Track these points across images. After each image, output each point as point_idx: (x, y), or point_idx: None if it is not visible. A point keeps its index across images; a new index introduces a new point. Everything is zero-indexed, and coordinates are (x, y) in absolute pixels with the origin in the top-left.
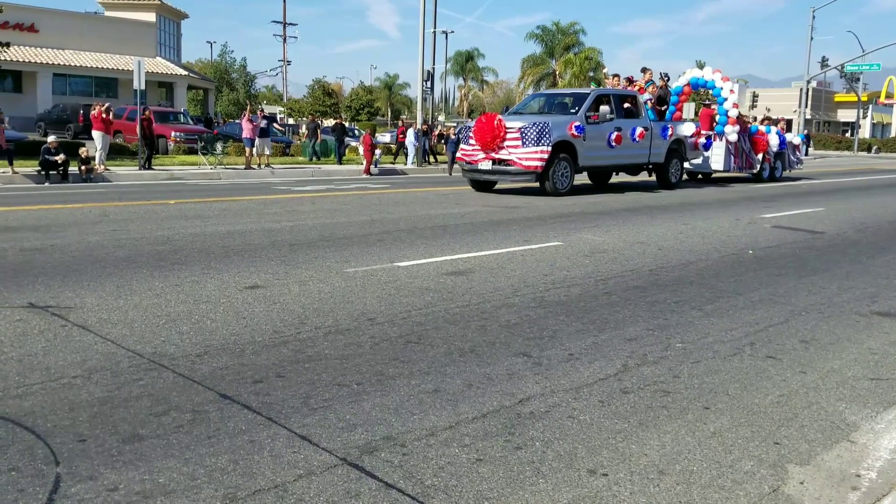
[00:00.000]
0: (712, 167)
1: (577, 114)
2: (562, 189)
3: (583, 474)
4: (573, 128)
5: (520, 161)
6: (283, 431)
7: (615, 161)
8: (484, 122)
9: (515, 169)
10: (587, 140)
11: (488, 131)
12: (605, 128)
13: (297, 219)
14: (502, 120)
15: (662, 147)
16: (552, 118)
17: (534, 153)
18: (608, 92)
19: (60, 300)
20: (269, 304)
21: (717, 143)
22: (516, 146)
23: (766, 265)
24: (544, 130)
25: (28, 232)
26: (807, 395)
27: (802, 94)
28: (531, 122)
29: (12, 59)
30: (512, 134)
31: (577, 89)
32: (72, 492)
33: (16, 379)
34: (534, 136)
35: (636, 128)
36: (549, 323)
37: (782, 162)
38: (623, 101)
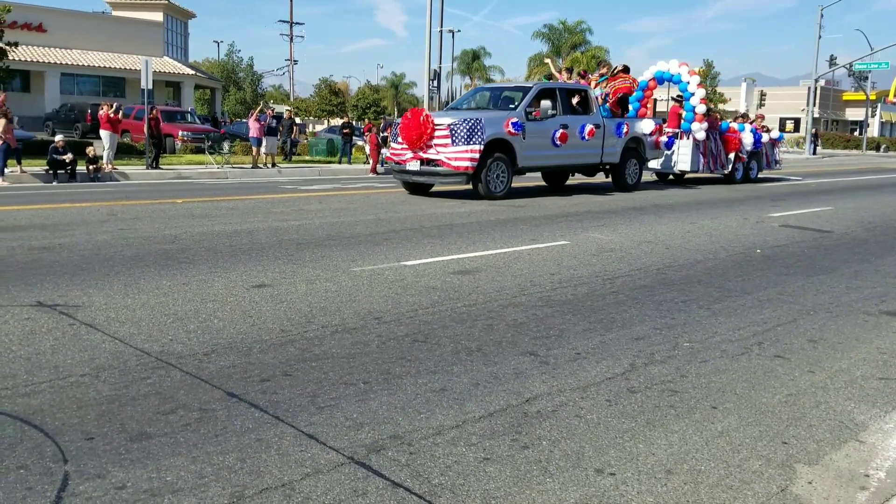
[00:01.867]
0: (678, 167)
1: (515, 109)
2: (497, 192)
3: (590, 473)
4: (510, 125)
5: (448, 161)
6: (291, 430)
7: (562, 161)
8: (410, 118)
9: (444, 170)
10: (528, 138)
11: (415, 128)
12: (548, 125)
13: (304, 218)
14: (430, 116)
15: (617, 146)
16: (486, 114)
17: (464, 152)
18: (553, 86)
19: (68, 299)
20: (276, 303)
21: (683, 142)
22: (445, 145)
23: (773, 264)
24: (476, 127)
25: (36, 231)
26: (815, 394)
27: (810, 93)
28: (461, 119)
29: (21, 58)
30: (440, 131)
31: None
32: (80, 490)
33: (24, 377)
34: (464, 134)
35: (585, 125)
36: (555, 322)
37: (758, 162)
38: (572, 96)
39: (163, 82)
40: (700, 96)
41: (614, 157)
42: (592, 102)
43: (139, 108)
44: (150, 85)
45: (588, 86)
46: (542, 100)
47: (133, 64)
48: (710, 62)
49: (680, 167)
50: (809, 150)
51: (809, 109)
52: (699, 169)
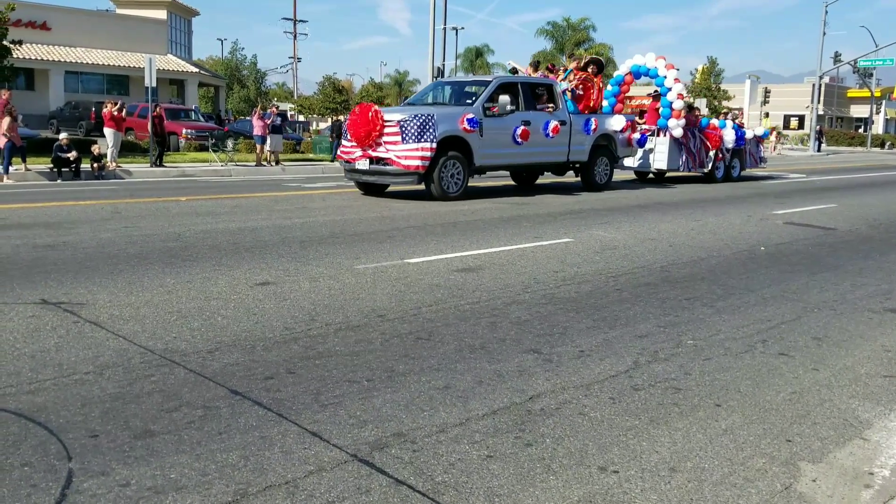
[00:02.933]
0: (656, 166)
1: (472, 105)
2: (451, 193)
3: (593, 471)
4: (465, 121)
5: (398, 160)
6: (294, 427)
7: (524, 160)
8: (358, 113)
9: (394, 169)
10: (486, 135)
11: (363, 125)
12: (508, 121)
13: (308, 216)
14: (379, 112)
15: (585, 143)
16: (439, 110)
17: (415, 151)
18: (515, 80)
19: (73, 296)
20: (279, 301)
21: (660, 139)
22: (395, 143)
23: (777, 262)
24: (427, 124)
25: (40, 229)
26: (819, 392)
27: (815, 90)
28: (411, 115)
29: (25, 56)
30: (390, 128)
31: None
32: (84, 487)
33: (28, 375)
34: (414, 131)
35: (550, 122)
36: (559, 320)
37: (740, 160)
38: (535, 90)
39: (167, 80)
40: (678, 91)
41: (582, 155)
42: (558, 98)
43: (143, 106)
44: (153, 83)
45: (554, 80)
46: (501, 95)
47: (137, 62)
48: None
49: (657, 165)
50: (814, 147)
51: (814, 106)
52: (679, 167)
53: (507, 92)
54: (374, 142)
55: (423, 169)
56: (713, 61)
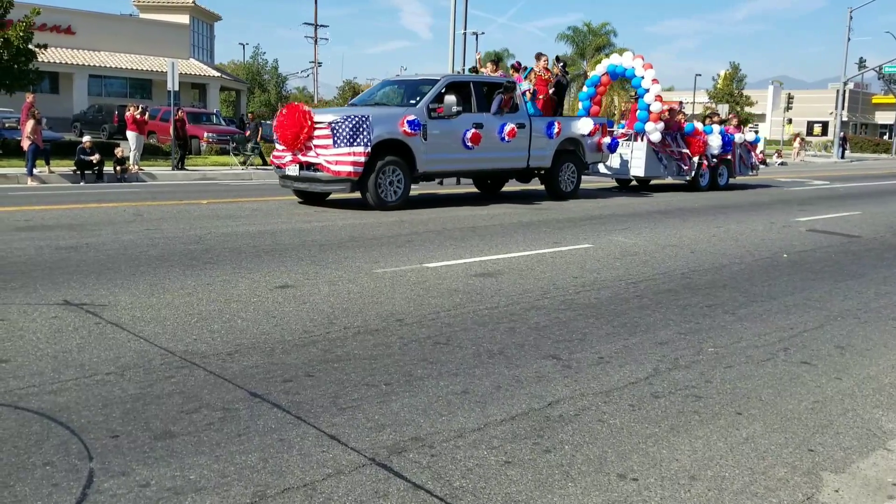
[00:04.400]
0: (632, 172)
1: (415, 106)
2: (390, 201)
3: (612, 479)
4: (406, 123)
5: (328, 165)
6: (313, 430)
7: (476, 166)
8: (286, 114)
9: (325, 175)
10: (431, 139)
11: (290, 126)
12: (457, 124)
13: (327, 219)
14: (308, 112)
15: (548, 148)
16: (377, 110)
17: (346, 155)
18: (466, 79)
19: (95, 298)
20: (298, 304)
21: (637, 144)
22: (326, 146)
23: (800, 269)
24: (361, 126)
25: (63, 230)
26: (842, 401)
27: (839, 96)
28: (343, 116)
29: (50, 60)
30: (321, 130)
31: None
32: (104, 487)
33: (51, 375)
34: (346, 134)
35: (505, 124)
36: (578, 325)
37: (728, 167)
38: (492, 91)
39: (189, 84)
40: (655, 93)
41: (545, 160)
42: (518, 99)
43: (165, 110)
44: (176, 87)
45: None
46: (447, 95)
47: (160, 66)
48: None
49: (634, 172)
50: (838, 153)
51: (838, 113)
52: (660, 174)
53: (457, 92)
54: (304, 145)
55: (355, 175)
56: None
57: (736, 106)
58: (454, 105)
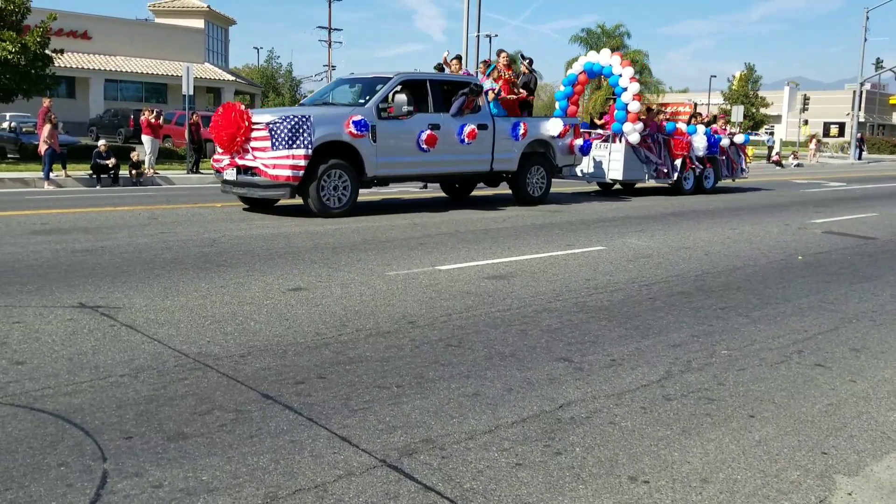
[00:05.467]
0: (610, 175)
1: (364, 105)
2: (335, 208)
3: (623, 481)
4: (352, 124)
5: (266, 169)
6: (324, 432)
7: (433, 169)
8: (222, 114)
9: (262, 180)
10: (381, 141)
11: (226, 127)
12: (411, 125)
13: (340, 222)
14: (246, 112)
15: (514, 150)
16: (320, 110)
17: (285, 158)
18: (422, 78)
19: (110, 300)
20: (311, 306)
21: (616, 146)
22: (264, 148)
23: (815, 271)
24: (301, 127)
25: (79, 234)
26: (856, 404)
27: (856, 97)
28: (282, 116)
29: (66, 65)
30: (259, 131)
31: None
32: (118, 487)
33: (66, 377)
34: (285, 136)
35: (465, 125)
36: (591, 328)
37: (715, 169)
38: (451, 90)
39: (203, 88)
40: (634, 91)
41: (510, 164)
42: (479, 98)
43: (180, 114)
44: (191, 91)
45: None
46: (398, 94)
47: (175, 70)
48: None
49: (612, 175)
50: (854, 155)
51: (855, 114)
52: (641, 177)
53: (412, 91)
54: (241, 147)
55: (294, 180)
56: (751, 68)
57: (751, 107)
58: (405, 104)
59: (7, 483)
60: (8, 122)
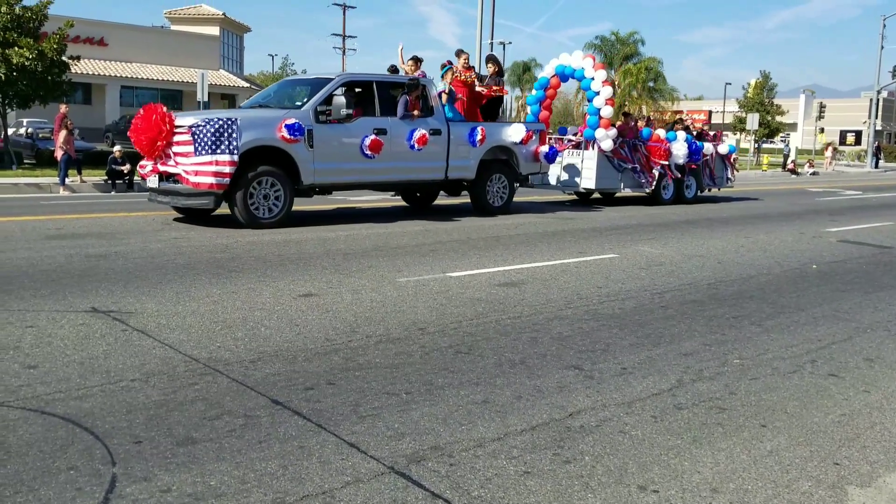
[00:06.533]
0: (583, 184)
1: (300, 108)
2: (265, 218)
3: (633, 490)
4: (284, 128)
5: (187, 176)
6: (332, 438)
7: (379, 177)
8: (142, 115)
9: (185, 188)
10: (318, 146)
11: (146, 131)
12: (354, 129)
13: (352, 228)
14: (167, 114)
15: (471, 157)
16: (250, 113)
17: (208, 164)
18: (367, 79)
19: (122, 305)
20: (321, 312)
21: (588, 153)
22: (186, 154)
23: (830, 280)
24: (226, 131)
25: (93, 239)
26: (870, 414)
27: (872, 105)
28: (205, 119)
29: (82, 71)
30: (181, 136)
31: (325, 74)
32: (127, 492)
33: (77, 381)
34: (209, 140)
35: (415, 130)
36: (601, 336)
37: (697, 179)
38: (398, 91)
39: (218, 94)
40: (606, 96)
41: (467, 171)
42: (433, 101)
43: None
44: (206, 97)
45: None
46: (337, 96)
47: (190, 77)
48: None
49: (585, 184)
50: (871, 163)
51: (871, 122)
52: (616, 186)
53: (358, 93)
54: (164, 153)
55: (218, 188)
56: (766, 75)
57: (766, 115)
58: (343, 107)
59: (17, 486)
60: (24, 128)
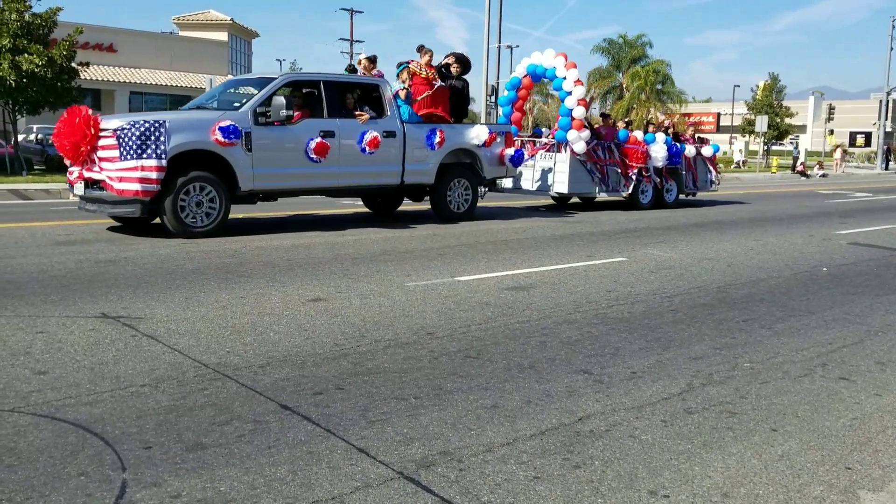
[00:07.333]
0: (555, 189)
1: (239, 109)
2: (198, 227)
3: (643, 495)
4: (218, 130)
5: (111, 182)
6: (342, 443)
7: (326, 182)
8: (66, 119)
9: (110, 195)
10: (258, 150)
11: (69, 135)
12: (299, 132)
13: (361, 233)
14: (93, 117)
15: (430, 161)
16: (182, 114)
17: (133, 170)
18: (314, 78)
19: (131, 311)
20: (330, 317)
21: (560, 156)
22: (111, 159)
23: (840, 283)
24: (152, 134)
25: (103, 244)
26: (882, 418)
27: (882, 107)
28: (131, 122)
29: (92, 77)
30: (107, 139)
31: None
32: (137, 497)
33: (87, 387)
34: (134, 144)
35: (366, 133)
36: (611, 340)
37: (678, 182)
38: (349, 92)
39: None
40: (578, 96)
41: (426, 176)
42: (387, 103)
43: None
44: None
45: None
46: (277, 97)
47: (199, 83)
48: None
49: (557, 188)
50: (881, 165)
51: (881, 123)
52: (590, 190)
53: (305, 94)
54: (88, 157)
55: (144, 195)
56: (775, 77)
57: (775, 117)
58: (283, 108)
59: (28, 492)
60: (34, 134)
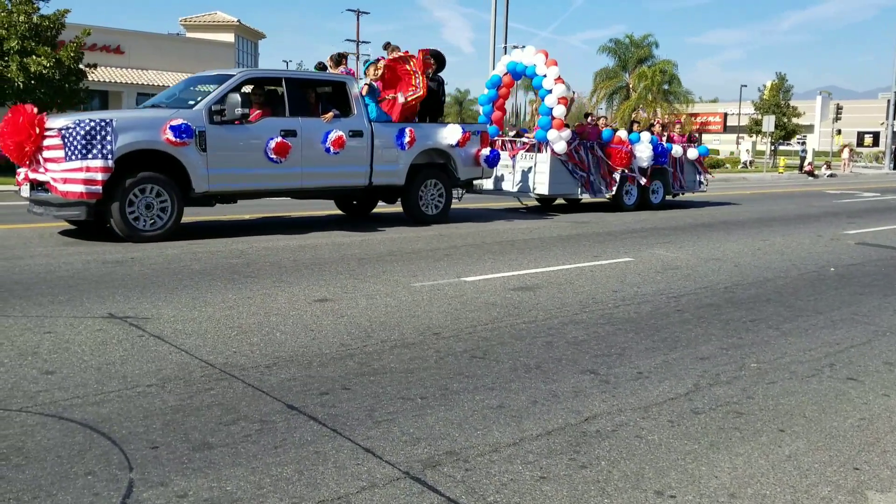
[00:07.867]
0: (535, 190)
1: (193, 107)
2: (147, 230)
3: (650, 496)
4: (169, 130)
5: (56, 184)
6: (348, 443)
7: (288, 183)
8: (10, 118)
9: (55, 198)
10: (213, 149)
11: (12, 134)
12: (258, 131)
13: (367, 233)
14: (37, 116)
15: (399, 162)
16: (126, 113)
17: (78, 171)
18: (275, 75)
19: (138, 311)
20: (336, 318)
21: (541, 156)
22: (57, 159)
23: (848, 283)
24: (98, 133)
25: (110, 245)
26: (890, 419)
27: (889, 106)
28: (77, 121)
29: (99, 79)
30: (52, 139)
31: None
32: (143, 497)
33: (94, 387)
34: (79, 144)
35: (331, 132)
36: (617, 340)
37: (664, 183)
38: (312, 89)
39: None
40: (559, 94)
41: (395, 177)
42: (353, 100)
43: None
44: None
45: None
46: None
47: None
48: (782, 75)
49: (538, 190)
50: (889, 165)
51: (889, 123)
52: (572, 191)
53: (266, 92)
54: (34, 158)
55: (90, 197)
56: (782, 77)
57: (783, 117)
58: (237, 106)
59: (35, 491)
60: None
